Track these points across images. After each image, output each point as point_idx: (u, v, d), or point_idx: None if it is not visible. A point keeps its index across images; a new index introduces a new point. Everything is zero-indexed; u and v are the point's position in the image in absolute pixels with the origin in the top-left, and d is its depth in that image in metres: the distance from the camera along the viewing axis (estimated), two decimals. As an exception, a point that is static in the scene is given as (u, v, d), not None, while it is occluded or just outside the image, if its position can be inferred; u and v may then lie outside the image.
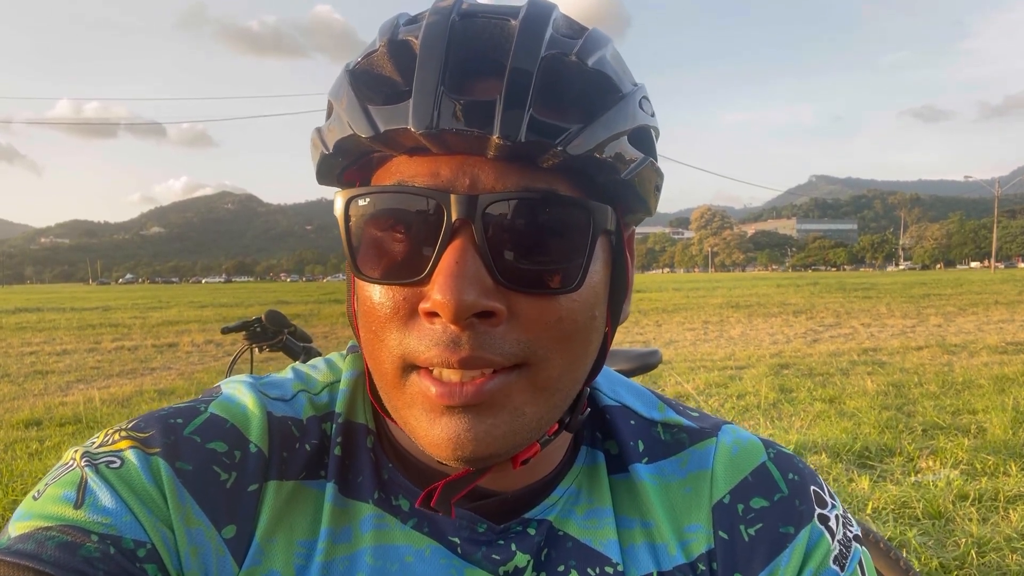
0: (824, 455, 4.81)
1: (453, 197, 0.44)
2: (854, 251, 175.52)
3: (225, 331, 2.21)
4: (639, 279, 75.18)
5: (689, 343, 12.00)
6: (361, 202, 0.48)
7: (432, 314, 0.45)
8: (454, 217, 0.44)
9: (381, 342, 0.48)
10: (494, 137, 0.43)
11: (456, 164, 0.46)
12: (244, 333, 2.22)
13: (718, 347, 11.29)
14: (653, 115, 0.53)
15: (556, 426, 0.54)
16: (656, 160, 0.53)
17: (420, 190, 0.46)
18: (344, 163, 0.51)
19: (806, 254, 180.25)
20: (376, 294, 0.48)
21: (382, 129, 0.45)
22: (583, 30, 0.50)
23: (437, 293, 0.43)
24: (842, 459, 4.76)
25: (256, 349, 2.25)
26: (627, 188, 0.49)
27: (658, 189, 0.54)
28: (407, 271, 0.46)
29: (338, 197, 0.49)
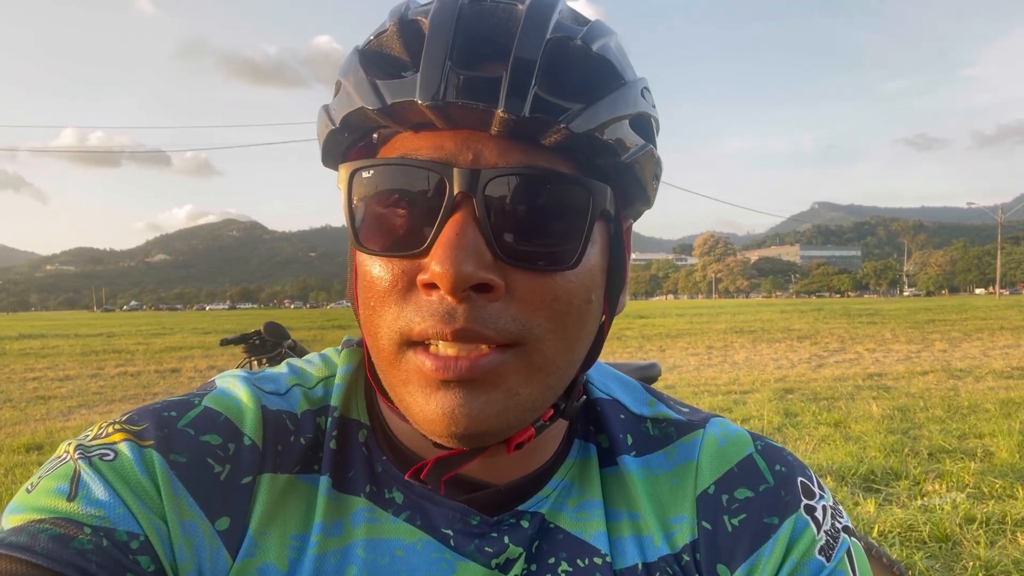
0: (829, 478, 4.77)
1: (456, 170, 0.45)
2: (858, 277, 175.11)
3: (224, 343, 2.21)
4: (642, 305, 74.92)
5: (693, 368, 11.95)
6: (365, 174, 0.48)
7: (430, 286, 0.46)
8: (456, 190, 0.45)
9: (379, 317, 0.48)
10: (499, 111, 0.44)
11: (460, 139, 0.46)
12: (243, 346, 2.21)
13: (722, 372, 11.24)
14: (654, 107, 0.54)
15: (551, 411, 0.55)
16: (656, 149, 0.53)
17: (423, 163, 0.46)
18: (350, 139, 0.52)
19: (810, 280, 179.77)
20: (376, 267, 0.48)
21: (389, 101, 0.46)
22: (588, 20, 0.51)
23: (436, 264, 0.44)
24: (848, 482, 4.72)
25: (255, 362, 2.24)
26: (627, 172, 0.50)
27: (657, 178, 0.54)
28: (407, 243, 0.47)
29: (342, 169, 0.50)
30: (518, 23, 0.46)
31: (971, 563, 3.36)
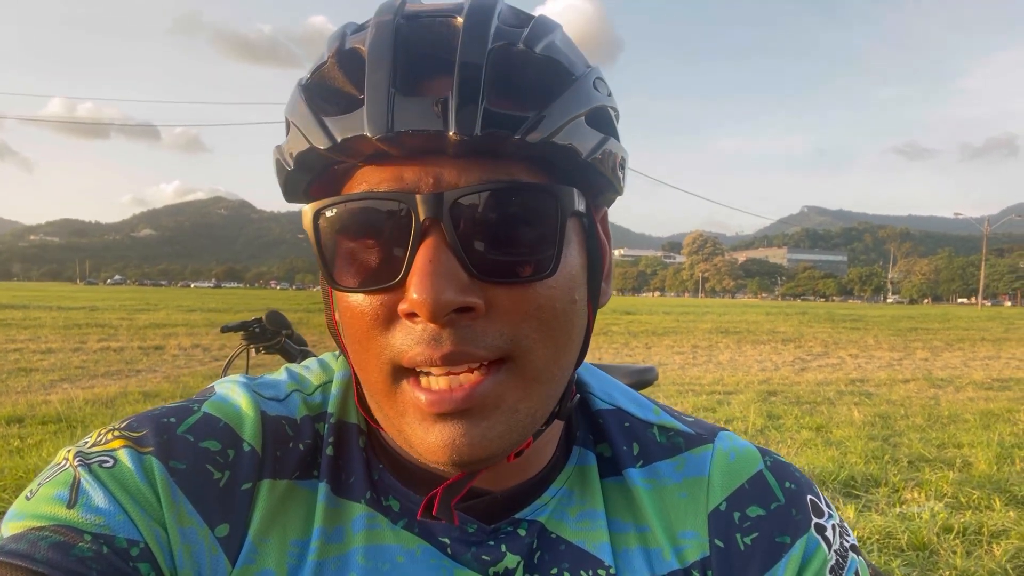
0: (810, 483, 4.81)
1: (419, 197, 0.44)
2: (843, 283, 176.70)
3: (224, 330, 2.21)
4: (629, 301, 75.18)
5: (678, 367, 12.01)
6: (329, 213, 0.47)
7: (412, 315, 0.45)
8: (422, 217, 0.44)
9: (367, 350, 0.48)
10: (450, 133, 0.43)
11: (418, 166, 0.46)
12: (242, 333, 2.21)
13: (707, 371, 11.31)
14: (610, 95, 0.53)
15: None
16: (618, 139, 0.52)
17: (386, 194, 0.46)
18: (308, 178, 0.51)
19: (796, 283, 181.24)
20: (356, 303, 0.48)
21: (339, 139, 0.45)
22: (530, 18, 0.50)
23: (414, 292, 0.43)
24: (828, 487, 4.76)
25: (253, 350, 2.24)
26: (590, 169, 0.49)
27: (623, 167, 0.53)
28: (383, 276, 0.46)
29: (306, 210, 0.49)
30: (458, 36, 0.45)
31: (948, 572, 3.40)
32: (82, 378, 9.14)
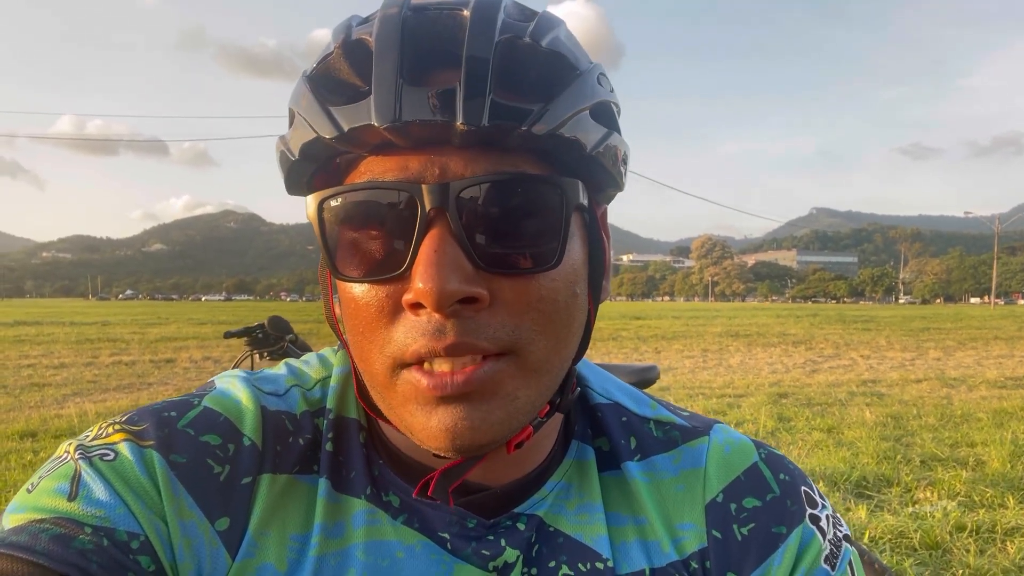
0: (822, 484, 4.78)
1: (424, 187, 0.45)
2: (854, 284, 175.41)
3: (227, 336, 2.24)
4: (639, 306, 74.92)
5: (688, 370, 11.96)
6: (333, 202, 0.48)
7: (416, 305, 0.45)
8: (428, 207, 0.45)
9: (370, 342, 0.48)
10: (458, 124, 0.43)
11: (424, 156, 0.46)
12: (246, 339, 2.23)
13: (717, 375, 11.26)
14: (612, 91, 0.53)
15: (547, 407, 0.54)
16: (620, 134, 0.53)
17: (391, 184, 0.46)
18: (312, 169, 0.51)
19: (806, 286, 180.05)
20: (359, 294, 0.48)
21: (346, 128, 0.45)
22: (534, 14, 0.51)
23: (419, 282, 0.44)
24: (840, 488, 4.73)
25: (257, 356, 2.26)
26: (594, 163, 0.50)
27: (625, 162, 0.54)
28: (387, 266, 0.46)
29: (310, 199, 0.49)
30: (465, 29, 0.46)
31: (961, 571, 3.38)
32: (94, 392, 9.20)
